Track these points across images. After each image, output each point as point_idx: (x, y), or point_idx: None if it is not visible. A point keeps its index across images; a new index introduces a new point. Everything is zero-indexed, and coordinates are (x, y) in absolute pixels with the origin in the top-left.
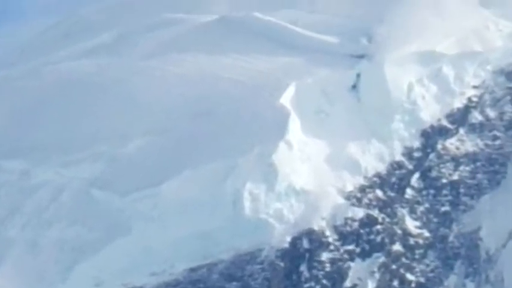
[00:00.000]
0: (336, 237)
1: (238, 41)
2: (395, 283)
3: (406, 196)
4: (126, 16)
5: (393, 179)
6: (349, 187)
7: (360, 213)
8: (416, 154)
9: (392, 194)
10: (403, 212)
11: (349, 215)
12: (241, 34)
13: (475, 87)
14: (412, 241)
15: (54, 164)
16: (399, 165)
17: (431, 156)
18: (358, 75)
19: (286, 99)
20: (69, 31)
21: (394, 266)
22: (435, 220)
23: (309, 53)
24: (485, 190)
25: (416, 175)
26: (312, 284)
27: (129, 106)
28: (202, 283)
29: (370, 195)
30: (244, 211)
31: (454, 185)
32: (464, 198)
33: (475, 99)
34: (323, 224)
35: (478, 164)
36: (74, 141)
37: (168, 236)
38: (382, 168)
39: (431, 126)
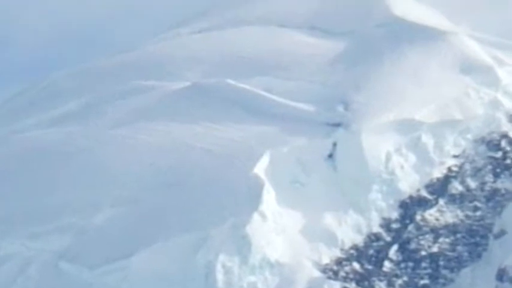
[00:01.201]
0: None
1: (211, 109)
2: None
3: (384, 269)
4: (95, 83)
5: (371, 251)
6: (326, 259)
7: (336, 286)
8: (394, 225)
9: (369, 267)
10: (380, 285)
11: None
12: (214, 102)
13: (455, 156)
14: None
15: (21, 236)
16: (377, 237)
17: (410, 227)
18: (335, 144)
19: (260, 169)
20: (36, 98)
21: None
22: None
23: (284, 121)
24: (466, 263)
25: (395, 247)
26: None
27: (98, 176)
28: None
29: (347, 268)
30: (217, 284)
31: (433, 258)
32: (444, 271)
33: (455, 169)
34: None
35: (458, 235)
36: (41, 213)
37: None
38: (359, 240)
39: (410, 197)
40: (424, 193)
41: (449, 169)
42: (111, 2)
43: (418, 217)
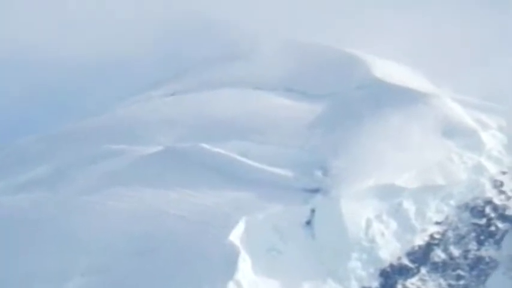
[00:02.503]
0: None
1: (185, 174)
2: None
3: None
4: (64, 148)
5: None
6: None
7: None
8: None
9: None
10: None
11: None
12: (188, 167)
13: (437, 223)
14: None
15: None
16: None
17: None
18: (313, 211)
19: (235, 236)
20: (4, 164)
21: None
22: None
23: (260, 187)
24: None
25: None
26: None
27: (68, 244)
28: None
29: None
30: None
31: None
32: None
33: (437, 236)
34: None
35: None
36: (8, 282)
37: None
38: None
39: (391, 265)
40: (406, 261)
41: (431, 236)
42: (80, 64)
43: (399, 286)
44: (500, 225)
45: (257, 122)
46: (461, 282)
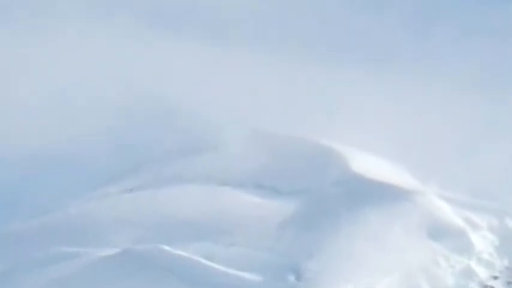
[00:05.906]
0: None
1: (143, 279)
2: None
3: None
4: (10, 250)
5: None
6: None
7: None
8: None
9: None
10: None
11: None
12: (147, 271)
13: None
14: None
15: None
16: None
17: None
18: None
19: None
20: None
21: None
22: None
23: None
24: None
25: None
26: None
27: None
28: None
29: None
30: None
31: None
32: None
33: None
34: None
35: None
36: None
37: None
38: None
39: None
40: None
41: None
42: (29, 156)
43: None
44: None
45: (223, 221)
46: None
